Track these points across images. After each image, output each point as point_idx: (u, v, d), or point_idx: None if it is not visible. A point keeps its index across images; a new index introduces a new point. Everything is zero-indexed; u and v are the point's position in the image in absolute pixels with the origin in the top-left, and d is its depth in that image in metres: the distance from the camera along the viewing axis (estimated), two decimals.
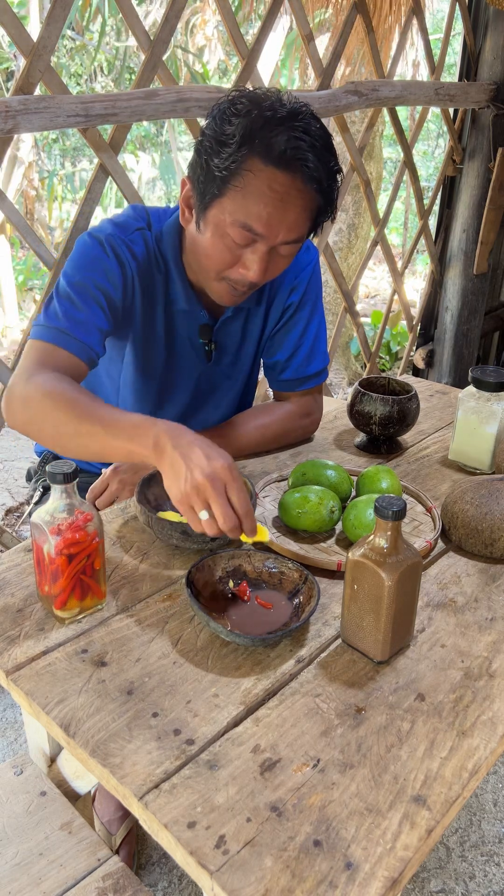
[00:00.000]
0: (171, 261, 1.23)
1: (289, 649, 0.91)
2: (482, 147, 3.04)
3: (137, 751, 0.77)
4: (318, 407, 1.46)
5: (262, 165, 1.03)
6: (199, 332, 1.30)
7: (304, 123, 1.04)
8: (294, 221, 1.08)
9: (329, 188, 1.09)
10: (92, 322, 1.14)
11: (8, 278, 5.06)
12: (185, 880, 1.45)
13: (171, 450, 0.93)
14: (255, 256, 1.10)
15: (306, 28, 2.27)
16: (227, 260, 1.11)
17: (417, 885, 1.48)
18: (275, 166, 1.03)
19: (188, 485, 0.91)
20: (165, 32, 1.88)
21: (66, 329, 1.12)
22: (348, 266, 4.20)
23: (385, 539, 0.85)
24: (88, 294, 1.14)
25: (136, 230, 1.21)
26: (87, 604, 0.95)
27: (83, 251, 1.18)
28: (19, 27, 1.59)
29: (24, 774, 1.17)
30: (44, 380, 1.05)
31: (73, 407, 1.01)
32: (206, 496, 0.90)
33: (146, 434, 0.95)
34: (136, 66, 6.11)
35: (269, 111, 1.03)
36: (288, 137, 1.02)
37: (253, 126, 1.02)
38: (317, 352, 1.41)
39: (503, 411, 1.28)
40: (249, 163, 1.03)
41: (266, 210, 1.05)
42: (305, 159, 1.03)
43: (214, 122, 1.06)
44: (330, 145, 1.08)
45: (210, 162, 1.06)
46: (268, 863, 0.66)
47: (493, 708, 0.84)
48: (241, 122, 1.03)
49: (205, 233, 1.11)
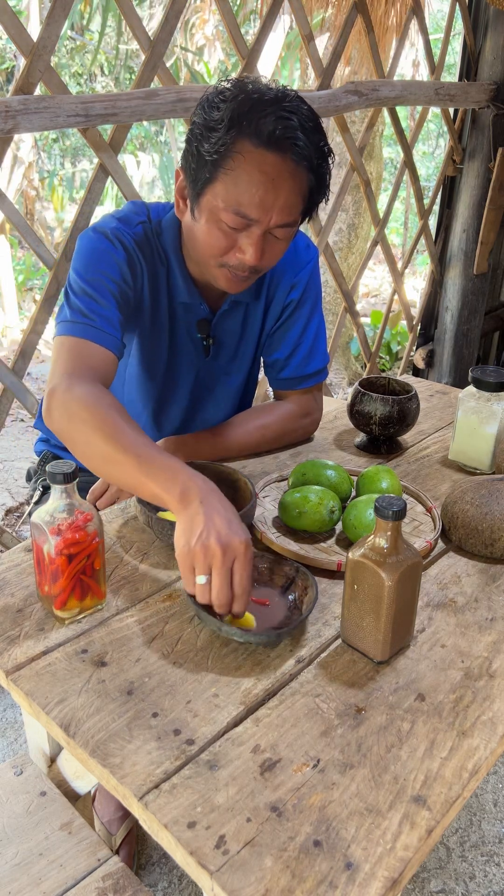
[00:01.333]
0: (172, 253, 1.23)
1: (289, 649, 0.91)
2: (482, 147, 3.04)
3: (137, 751, 0.77)
4: (318, 406, 1.46)
5: (251, 147, 1.03)
6: (198, 327, 1.30)
7: (292, 105, 1.04)
8: (286, 203, 1.07)
9: (320, 167, 1.09)
10: (114, 314, 1.14)
11: (8, 278, 5.06)
12: (185, 880, 1.45)
13: (198, 504, 0.90)
14: (251, 240, 1.09)
15: (306, 28, 2.27)
16: (224, 246, 1.11)
17: (417, 885, 1.48)
18: (265, 147, 1.03)
19: (199, 544, 0.87)
20: (165, 32, 1.88)
21: (92, 323, 1.11)
22: (348, 266, 4.20)
23: (385, 539, 0.85)
24: (105, 287, 1.14)
25: (139, 223, 1.22)
26: (87, 604, 0.95)
27: (91, 246, 1.17)
28: (19, 27, 1.59)
29: (24, 774, 1.17)
30: (85, 393, 1.03)
31: (110, 432, 0.99)
32: (211, 562, 0.87)
33: (176, 481, 0.93)
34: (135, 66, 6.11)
35: (256, 94, 1.03)
36: (276, 118, 1.02)
37: (241, 109, 1.02)
38: (317, 351, 1.41)
39: (503, 411, 1.28)
40: (239, 145, 1.03)
41: (258, 193, 1.05)
42: (295, 138, 1.03)
43: (203, 109, 1.07)
44: (319, 126, 1.08)
45: (200, 148, 1.06)
46: (268, 863, 0.66)
47: (493, 708, 0.84)
48: (228, 106, 1.03)
49: (200, 220, 1.12)
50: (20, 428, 3.52)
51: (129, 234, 1.19)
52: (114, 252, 1.17)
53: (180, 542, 0.90)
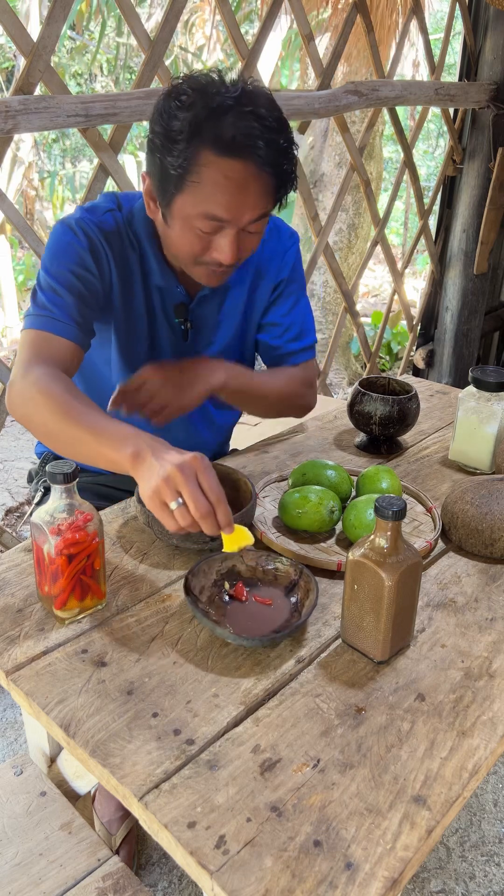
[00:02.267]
0: (145, 238, 1.24)
1: (289, 649, 0.91)
2: (482, 147, 3.04)
3: (137, 751, 0.77)
4: (314, 382, 1.46)
5: (214, 157, 1.04)
6: (175, 311, 1.31)
7: (251, 107, 1.04)
8: (255, 203, 1.09)
9: (283, 167, 1.10)
10: (77, 306, 1.16)
11: (8, 278, 5.06)
12: (185, 880, 1.45)
13: (150, 457, 0.92)
14: (226, 240, 1.11)
15: (306, 28, 2.26)
16: (199, 248, 1.13)
17: (417, 885, 1.48)
18: (227, 156, 1.04)
19: (158, 478, 0.90)
20: (165, 32, 1.88)
21: (53, 315, 1.14)
22: (348, 266, 4.20)
23: (385, 539, 0.85)
24: (68, 280, 1.16)
25: (106, 211, 1.23)
26: (87, 604, 0.95)
27: (56, 239, 1.20)
28: (19, 27, 1.59)
29: (24, 774, 1.17)
30: (39, 376, 1.07)
31: (63, 410, 1.02)
32: (175, 484, 0.89)
33: (127, 444, 0.95)
34: (135, 66, 6.11)
35: (215, 99, 1.03)
36: (236, 125, 1.02)
37: (198, 118, 1.02)
38: (308, 325, 1.42)
39: (503, 411, 1.28)
40: (202, 156, 1.04)
41: (225, 198, 1.06)
42: (254, 146, 1.03)
43: (161, 118, 1.06)
44: (281, 123, 1.08)
45: (164, 160, 1.07)
46: (268, 863, 0.66)
47: (493, 708, 0.84)
48: (186, 117, 1.03)
49: (172, 226, 1.13)
50: (20, 428, 3.52)
51: (94, 222, 1.21)
52: (77, 243, 1.18)
53: (145, 490, 0.92)
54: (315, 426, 1.54)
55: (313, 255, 2.67)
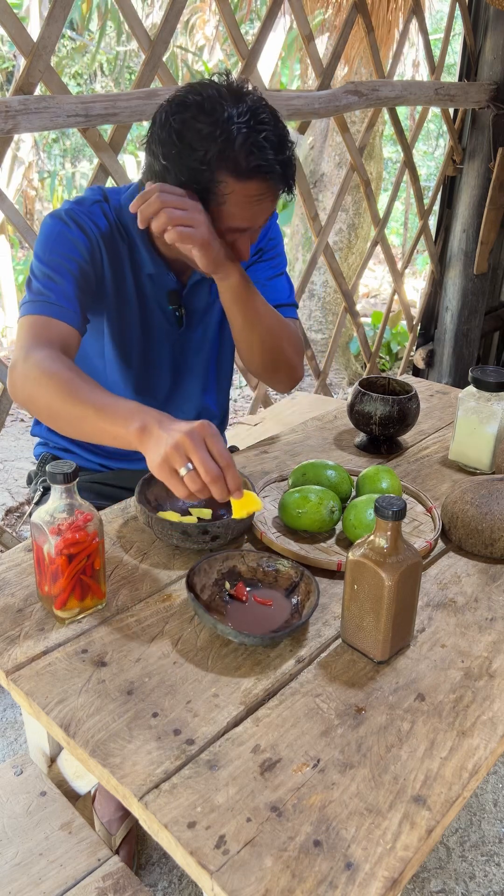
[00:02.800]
0: (133, 228, 1.26)
1: (289, 649, 0.91)
2: (482, 147, 3.04)
3: (137, 751, 0.77)
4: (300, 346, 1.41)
5: (234, 182, 1.11)
6: (168, 299, 1.32)
7: (263, 132, 1.09)
8: (270, 209, 1.19)
9: (291, 177, 1.18)
10: (72, 291, 1.18)
11: (8, 278, 5.06)
12: (185, 880, 1.45)
13: (157, 429, 0.94)
14: (243, 242, 1.19)
15: (306, 28, 2.27)
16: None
17: (417, 885, 1.48)
18: (246, 179, 1.11)
19: (167, 446, 0.91)
20: (165, 32, 1.88)
21: (50, 300, 1.15)
22: (348, 266, 4.20)
23: (385, 539, 0.85)
24: (63, 267, 1.18)
25: (94, 203, 1.25)
26: (87, 604, 0.95)
27: (48, 230, 1.21)
28: (19, 27, 1.59)
29: (24, 774, 1.17)
30: (41, 358, 1.08)
31: (67, 388, 1.03)
32: (185, 450, 0.90)
33: (134, 419, 0.96)
34: (135, 66, 6.10)
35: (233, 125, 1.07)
36: (252, 152, 1.09)
37: (223, 149, 1.08)
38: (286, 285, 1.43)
39: (503, 411, 1.28)
40: (221, 176, 1.10)
41: (248, 213, 1.15)
42: (273, 171, 1.12)
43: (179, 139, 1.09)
44: (285, 136, 1.14)
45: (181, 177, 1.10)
46: (268, 863, 0.66)
47: (493, 708, 0.84)
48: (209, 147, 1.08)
49: None
50: (20, 428, 3.52)
51: (85, 212, 1.23)
52: (68, 232, 1.20)
53: (154, 460, 0.93)
54: (315, 426, 1.54)
55: (313, 255, 2.67)
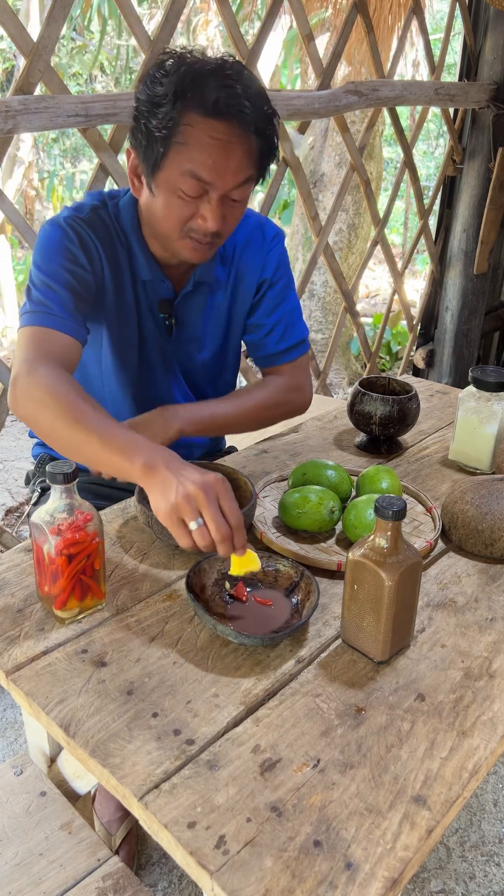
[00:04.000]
0: (132, 233, 1.25)
1: (289, 649, 0.91)
2: (482, 147, 3.04)
3: (137, 751, 0.77)
4: (308, 381, 1.45)
5: (198, 118, 1.06)
6: (159, 307, 1.31)
7: (233, 72, 1.07)
8: (238, 166, 1.11)
9: (266, 131, 1.12)
10: (72, 302, 1.16)
11: (8, 278, 5.06)
12: (185, 880, 1.45)
13: (164, 469, 0.92)
14: (210, 206, 1.12)
15: (306, 28, 2.27)
16: (185, 215, 1.14)
17: (417, 885, 1.48)
18: (211, 116, 1.06)
19: (179, 496, 0.89)
20: (165, 33, 1.88)
21: (51, 311, 1.14)
22: (348, 266, 4.20)
23: (385, 539, 0.85)
24: (62, 276, 1.17)
25: (93, 209, 1.24)
26: (87, 604, 0.95)
27: (47, 238, 1.20)
28: (19, 27, 1.59)
29: (24, 774, 1.17)
30: (46, 376, 1.06)
31: (71, 412, 1.01)
32: (197, 504, 0.89)
33: (138, 452, 0.95)
34: (136, 66, 6.10)
35: (197, 64, 1.06)
36: (219, 87, 1.05)
37: (183, 81, 1.05)
38: (293, 325, 1.41)
39: (503, 411, 1.28)
40: (186, 117, 1.06)
41: (211, 157, 1.08)
42: (240, 105, 1.06)
43: (146, 85, 1.09)
44: (262, 91, 1.11)
45: (149, 125, 1.08)
46: (268, 863, 0.66)
47: (493, 708, 0.84)
48: (171, 80, 1.05)
49: (157, 195, 1.14)
50: (20, 428, 3.52)
51: (84, 219, 1.22)
52: (67, 241, 1.19)
53: (161, 505, 0.91)
54: (315, 426, 1.54)
55: (313, 255, 2.67)
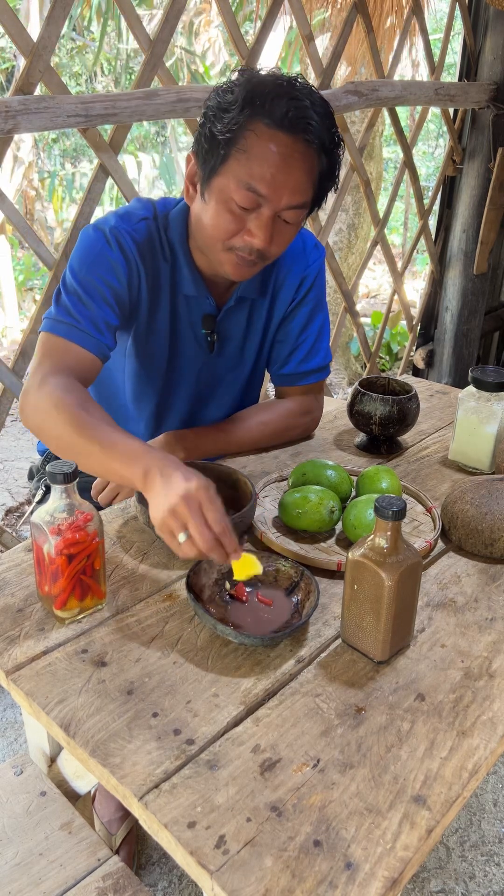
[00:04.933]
0: (179, 246, 1.22)
1: (289, 649, 0.91)
2: (482, 147, 3.04)
3: (137, 751, 0.77)
4: (319, 406, 1.46)
5: (264, 127, 1.04)
6: (203, 322, 1.29)
7: (305, 90, 1.06)
8: (297, 184, 1.08)
9: (332, 152, 1.10)
10: (101, 317, 1.15)
11: (8, 278, 5.06)
12: (185, 880, 1.45)
13: (160, 479, 0.93)
14: (260, 222, 1.09)
15: (306, 28, 2.26)
16: (232, 228, 1.11)
17: (417, 885, 1.48)
18: (277, 128, 1.04)
19: (166, 510, 0.90)
20: (165, 32, 1.88)
21: (77, 325, 1.13)
22: (348, 266, 4.20)
23: (385, 539, 0.85)
24: (96, 290, 1.15)
25: (141, 220, 1.21)
26: (87, 604, 0.95)
27: (88, 244, 1.17)
28: (19, 27, 1.59)
29: (24, 774, 1.17)
30: (54, 387, 1.06)
31: (77, 423, 1.02)
32: (183, 518, 0.90)
33: (139, 463, 0.96)
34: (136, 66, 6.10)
35: (269, 77, 1.06)
36: (289, 100, 1.03)
37: (255, 90, 1.04)
38: (319, 348, 1.40)
39: (503, 411, 1.28)
40: (252, 124, 1.04)
41: (269, 171, 1.05)
42: (308, 118, 1.04)
43: (217, 93, 1.08)
44: (330, 113, 1.09)
45: (213, 129, 1.06)
46: (268, 863, 0.66)
47: (493, 708, 0.84)
48: (241, 89, 1.05)
49: (209, 202, 1.11)
50: (20, 428, 3.52)
51: (129, 231, 1.19)
52: (109, 253, 1.16)
53: (156, 517, 0.93)
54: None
55: None
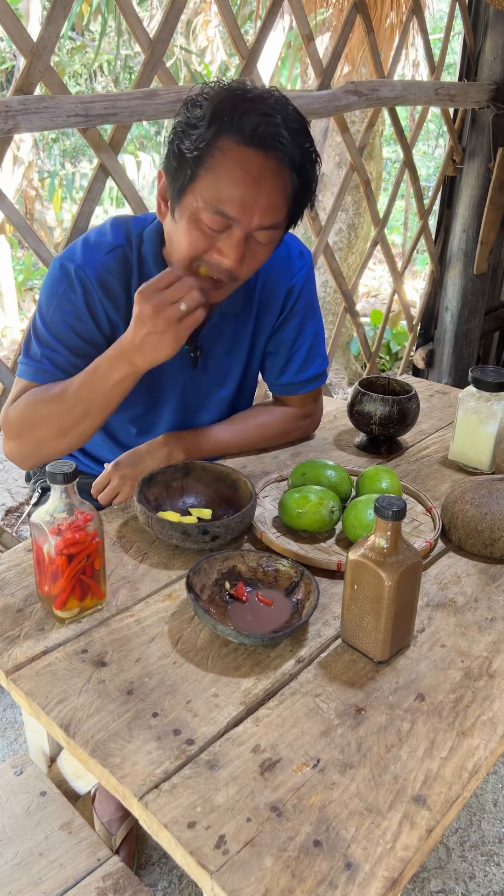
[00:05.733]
0: (154, 265, 1.19)
1: (289, 649, 0.91)
2: (482, 147, 3.04)
3: (137, 751, 0.77)
4: (319, 408, 1.46)
5: (232, 144, 1.00)
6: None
7: (276, 103, 1.02)
8: (268, 203, 1.03)
9: (305, 169, 1.05)
10: (68, 360, 1.19)
11: (8, 278, 5.06)
12: (185, 880, 1.45)
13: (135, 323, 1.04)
14: (231, 242, 1.04)
15: (306, 28, 2.27)
16: (202, 246, 1.06)
17: (417, 885, 1.48)
18: (246, 145, 1.00)
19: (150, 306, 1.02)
20: (165, 32, 1.88)
21: (42, 366, 1.19)
22: (348, 266, 4.20)
23: (385, 539, 0.85)
24: (61, 333, 1.19)
25: (112, 249, 1.18)
26: (87, 604, 0.95)
27: (53, 284, 1.19)
28: (19, 27, 1.59)
29: (24, 774, 1.17)
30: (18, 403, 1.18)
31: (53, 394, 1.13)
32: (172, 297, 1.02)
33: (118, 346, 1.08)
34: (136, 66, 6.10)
35: (239, 91, 1.01)
36: (259, 115, 0.99)
37: (222, 105, 1.00)
38: (314, 356, 1.39)
39: (503, 411, 1.28)
40: (220, 142, 1.00)
41: (238, 191, 1.00)
42: (278, 135, 1.00)
43: (185, 108, 1.05)
44: (304, 128, 1.05)
45: (181, 146, 1.03)
46: (268, 863, 0.66)
47: (493, 708, 0.84)
48: (209, 103, 1.01)
49: (180, 221, 1.07)
50: None
51: (95, 266, 1.17)
52: (72, 296, 1.17)
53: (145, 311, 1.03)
54: None
55: (313, 254, 2.67)
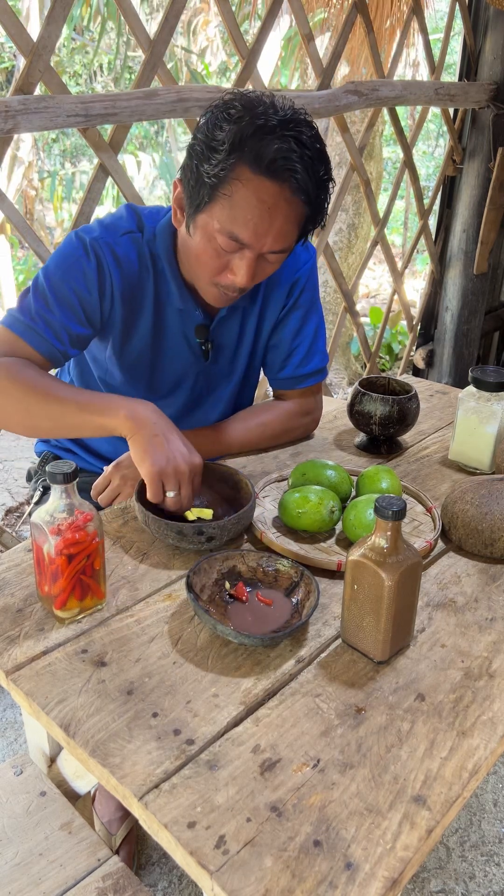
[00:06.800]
0: (165, 260, 1.23)
1: (289, 649, 0.91)
2: (482, 147, 3.04)
3: (137, 751, 0.77)
4: (318, 406, 1.46)
5: (250, 174, 1.04)
6: (196, 332, 1.30)
7: (295, 132, 1.04)
8: (280, 231, 1.09)
9: (317, 199, 1.10)
10: (62, 324, 1.17)
11: (8, 278, 5.06)
12: (185, 880, 1.45)
13: (151, 426, 1.05)
14: (243, 263, 1.11)
15: (306, 28, 2.27)
16: (216, 266, 1.13)
17: (417, 885, 1.48)
18: (263, 175, 1.04)
19: (170, 466, 1.04)
20: (165, 32, 1.88)
21: (33, 325, 1.16)
22: (348, 266, 4.20)
23: (385, 539, 0.85)
24: (64, 296, 1.17)
25: (125, 233, 1.21)
26: (87, 604, 0.95)
27: (67, 251, 1.19)
28: (19, 27, 1.59)
29: (24, 774, 1.17)
30: (8, 365, 1.12)
31: (41, 389, 1.10)
32: (179, 478, 1.05)
33: (118, 408, 1.07)
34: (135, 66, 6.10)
35: (261, 118, 1.03)
36: (278, 147, 1.02)
37: (243, 133, 1.02)
38: (315, 350, 1.40)
39: (503, 411, 1.28)
40: (238, 171, 1.04)
41: (252, 220, 1.06)
42: (294, 170, 1.04)
43: (207, 125, 1.07)
44: (322, 154, 1.08)
45: (200, 167, 1.06)
46: (268, 863, 0.66)
47: (493, 708, 0.84)
48: (231, 129, 1.03)
49: (194, 237, 1.13)
50: None
51: (110, 243, 1.19)
52: (85, 263, 1.17)
53: (146, 463, 1.04)
54: None
55: None
